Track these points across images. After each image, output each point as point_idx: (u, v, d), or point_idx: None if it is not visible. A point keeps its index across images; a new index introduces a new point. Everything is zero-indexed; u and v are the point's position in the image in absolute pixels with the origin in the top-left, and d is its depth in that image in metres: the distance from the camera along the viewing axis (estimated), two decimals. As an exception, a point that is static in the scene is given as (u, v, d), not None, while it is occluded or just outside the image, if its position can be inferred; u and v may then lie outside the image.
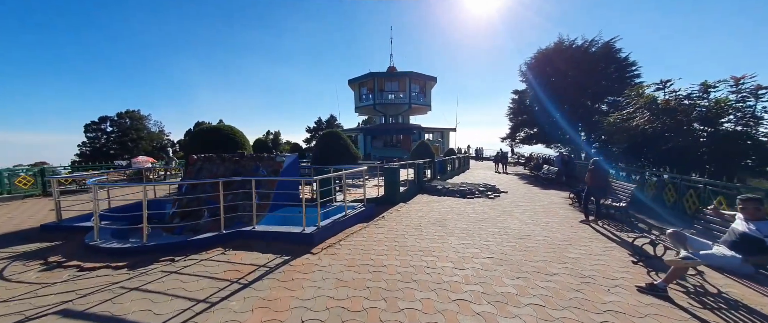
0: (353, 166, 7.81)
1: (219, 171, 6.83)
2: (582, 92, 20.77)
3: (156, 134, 65.50)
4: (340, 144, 8.74)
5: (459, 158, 19.82)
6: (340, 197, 7.69)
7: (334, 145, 8.67)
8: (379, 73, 27.63)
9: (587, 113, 20.67)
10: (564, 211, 8.09)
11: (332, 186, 7.06)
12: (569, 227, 6.41)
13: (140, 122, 62.90)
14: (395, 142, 27.93)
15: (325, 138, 9.11)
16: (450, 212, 7.66)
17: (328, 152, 8.50)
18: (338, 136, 8.96)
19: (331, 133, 9.12)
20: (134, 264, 4.04)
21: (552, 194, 11.21)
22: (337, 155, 8.50)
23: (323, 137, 9.23)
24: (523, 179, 16.26)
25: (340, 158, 8.46)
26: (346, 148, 8.74)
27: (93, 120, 59.78)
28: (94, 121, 59.86)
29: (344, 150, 8.68)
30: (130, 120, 62.11)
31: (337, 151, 8.56)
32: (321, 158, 8.51)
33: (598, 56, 20.04)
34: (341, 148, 8.67)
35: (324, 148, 8.76)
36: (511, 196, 10.51)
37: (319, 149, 8.86)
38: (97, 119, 60.14)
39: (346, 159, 8.57)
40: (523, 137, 25.11)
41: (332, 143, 8.69)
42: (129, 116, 62.51)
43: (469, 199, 9.74)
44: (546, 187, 13.00)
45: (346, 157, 8.58)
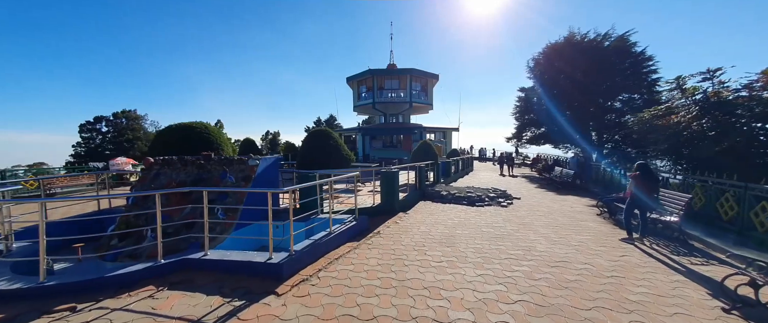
0: (344, 170, 6.54)
1: (179, 178, 5.60)
2: (594, 89, 19.50)
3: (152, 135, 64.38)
4: (330, 144, 7.48)
5: (463, 159, 18.56)
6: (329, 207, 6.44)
7: (323, 145, 7.42)
8: (379, 71, 26.39)
9: (599, 112, 19.39)
10: (594, 224, 6.81)
11: (318, 195, 5.81)
12: (610, 248, 5.15)
13: (136, 121, 61.82)
14: (395, 142, 26.66)
15: (312, 138, 7.82)
16: (459, 225, 6.40)
17: (316, 153, 7.26)
18: (327, 135, 7.67)
19: (320, 132, 7.84)
20: (11, 318, 2.79)
21: (571, 200, 9.93)
22: (326, 157, 7.26)
23: (310, 136, 7.94)
24: (533, 183, 14.98)
25: (329, 160, 7.23)
26: (337, 149, 7.48)
27: (88, 120, 58.72)
28: (89, 121, 58.80)
29: (334, 151, 7.42)
30: (126, 120, 61.03)
31: (326, 152, 7.32)
32: (307, 161, 7.26)
33: (611, 51, 18.75)
34: (330, 149, 7.41)
35: (311, 149, 7.50)
36: (526, 203, 9.24)
37: (305, 151, 7.58)
38: (92, 119, 59.08)
39: (336, 161, 7.34)
40: (530, 137, 23.81)
41: (320, 143, 7.45)
42: (125, 116, 61.41)
43: (479, 207, 8.48)
44: (561, 191, 11.73)
45: (336, 159, 7.35)
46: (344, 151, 7.61)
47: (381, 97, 27.05)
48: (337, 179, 5.54)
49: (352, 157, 7.78)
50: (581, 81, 19.57)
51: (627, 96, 19.73)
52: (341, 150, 7.53)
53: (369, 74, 26.37)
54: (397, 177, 7.53)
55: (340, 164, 7.40)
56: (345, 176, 5.74)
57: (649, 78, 18.53)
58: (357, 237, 5.45)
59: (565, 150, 23.58)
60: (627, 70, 18.88)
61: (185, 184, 5.41)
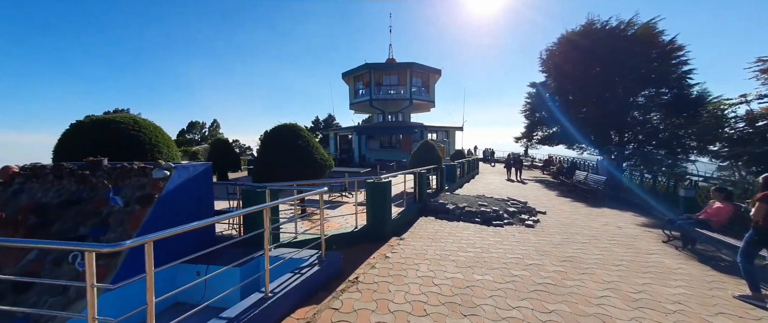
0: (307, 188, 4.48)
1: (47, 197, 3.62)
2: (615, 83, 17.45)
3: (146, 135, 62.57)
4: (298, 146, 5.46)
5: (469, 161, 16.53)
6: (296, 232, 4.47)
7: (289, 147, 5.45)
8: (376, 65, 24.41)
9: (620, 108, 17.31)
10: (671, 260, 4.80)
11: (276, 220, 3.85)
12: (732, 315, 3.14)
13: (131, 122, 60.08)
14: (394, 143, 24.67)
15: (273, 137, 5.55)
16: (476, 263, 4.40)
17: (279, 158, 5.30)
18: (294, 133, 5.64)
19: (284, 129, 5.76)
20: None
21: (611, 216, 7.91)
22: (292, 163, 5.29)
23: (272, 134, 5.85)
24: (550, 189, 12.95)
25: (297, 167, 5.27)
26: (307, 151, 5.50)
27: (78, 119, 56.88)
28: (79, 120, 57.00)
29: (304, 154, 5.45)
30: (118, 120, 59.31)
31: (294, 156, 5.35)
32: (266, 169, 5.28)
33: (635, 40, 16.71)
34: (300, 151, 5.43)
35: (271, 152, 5.52)
36: (556, 220, 7.23)
37: (263, 155, 5.52)
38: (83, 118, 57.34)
39: (306, 169, 5.36)
40: (542, 137, 21.75)
41: (285, 145, 5.48)
42: (117, 116, 59.70)
43: (497, 228, 6.47)
44: (590, 202, 9.69)
45: (306, 165, 5.38)
46: (318, 154, 5.65)
47: (379, 93, 25.08)
48: (287, 200, 3.56)
49: (330, 162, 5.85)
50: (600, 74, 17.53)
51: (653, 91, 17.70)
52: (313, 153, 5.56)
53: (366, 69, 24.39)
54: (389, 190, 5.54)
55: (312, 171, 5.47)
56: (310, 194, 3.74)
57: (680, 70, 16.49)
58: (320, 292, 3.46)
59: (580, 151, 21.55)
60: (653, 61, 16.86)
61: (48, 208, 3.44)
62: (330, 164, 5.83)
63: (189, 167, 3.89)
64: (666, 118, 17.35)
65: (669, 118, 17.22)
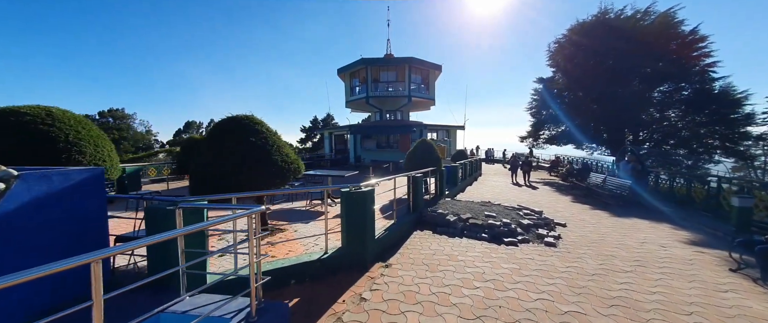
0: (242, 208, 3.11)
1: None
2: (630, 77, 16.09)
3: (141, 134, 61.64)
4: (252, 144, 4.04)
5: (471, 161, 15.17)
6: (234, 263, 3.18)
7: (238, 145, 4.07)
8: (373, 60, 23.05)
9: (635, 105, 15.93)
10: (764, 305, 3.47)
11: (180, 251, 2.56)
12: None
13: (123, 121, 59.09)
14: (392, 142, 23.31)
15: (218, 133, 4.30)
16: (487, 312, 3.08)
17: (223, 159, 3.97)
18: (247, 127, 4.08)
19: (232, 121, 4.34)
20: None
21: (645, 228, 6.57)
22: (241, 167, 3.93)
23: (216, 130, 4.41)
24: (563, 193, 11.61)
25: (249, 171, 3.94)
26: (264, 151, 4.12)
27: None
28: None
29: (260, 155, 4.11)
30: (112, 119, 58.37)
31: (245, 157, 4.02)
32: (206, 175, 3.93)
33: (653, 30, 15.35)
34: (254, 151, 4.06)
35: (214, 152, 4.14)
36: (582, 236, 5.89)
37: (206, 156, 4.17)
38: None
39: (260, 174, 4.00)
40: (549, 137, 20.40)
41: (233, 142, 4.09)
42: (111, 115, 58.73)
43: (510, 247, 5.15)
44: (613, 210, 8.35)
45: (261, 169, 4.03)
46: (280, 155, 4.30)
47: (376, 90, 23.71)
48: (210, 224, 2.24)
49: (297, 165, 4.54)
50: (614, 68, 16.17)
51: (670, 86, 16.32)
52: (273, 154, 4.19)
53: (362, 64, 23.05)
54: (370, 201, 4.23)
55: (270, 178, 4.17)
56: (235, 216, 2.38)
57: (701, 63, 15.13)
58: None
59: (590, 151, 20.19)
60: (672, 53, 15.51)
61: None
62: (297, 167, 4.53)
63: (57, 176, 2.58)
64: (685, 115, 16.01)
65: (688, 115, 15.88)
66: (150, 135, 63.10)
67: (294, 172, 4.44)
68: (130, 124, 60.13)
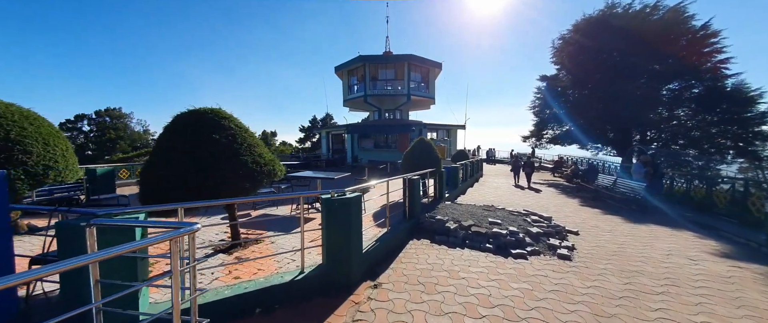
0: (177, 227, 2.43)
1: None
2: (637, 75, 15.44)
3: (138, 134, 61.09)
4: (215, 143, 3.38)
5: (472, 162, 14.51)
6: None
7: (199, 144, 3.41)
8: (372, 57, 22.43)
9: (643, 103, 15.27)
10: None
11: (93, 284, 1.92)
12: None
13: (120, 120, 58.55)
14: (390, 142, 22.67)
15: (177, 130, 3.61)
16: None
17: (178, 160, 3.31)
18: (210, 122, 3.32)
19: (193, 115, 3.71)
20: None
21: (668, 238, 5.93)
22: (201, 169, 3.29)
23: (174, 126, 3.65)
24: (569, 195, 10.97)
25: (211, 175, 3.30)
26: (231, 150, 3.48)
27: (68, 118, 55.56)
28: (69, 119, 55.69)
29: (226, 156, 3.45)
30: (109, 118, 57.84)
31: (206, 158, 3.38)
32: (160, 179, 3.28)
33: (662, 25, 14.70)
34: (219, 151, 3.40)
35: (176, 152, 3.49)
36: (599, 247, 5.26)
37: (157, 157, 3.72)
38: (73, 117, 55.94)
39: (226, 179, 3.35)
40: (552, 136, 19.74)
41: (193, 140, 3.44)
42: (108, 114, 58.21)
43: (519, 261, 4.52)
44: (627, 215, 7.72)
45: (226, 173, 3.39)
46: (251, 155, 3.66)
47: (374, 89, 23.08)
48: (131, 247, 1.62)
49: (273, 167, 3.91)
50: (621, 65, 15.53)
51: (679, 84, 15.66)
52: (242, 154, 3.55)
53: (360, 62, 22.42)
54: (356, 209, 3.59)
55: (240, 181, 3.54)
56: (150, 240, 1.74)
57: (713, 59, 14.48)
58: None
59: (595, 152, 19.54)
60: (682, 49, 14.85)
61: None
62: (274, 169, 3.89)
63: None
64: (695, 114, 15.35)
65: (699, 114, 15.22)
66: (147, 134, 62.57)
67: (268, 174, 3.81)
68: (127, 123, 59.63)
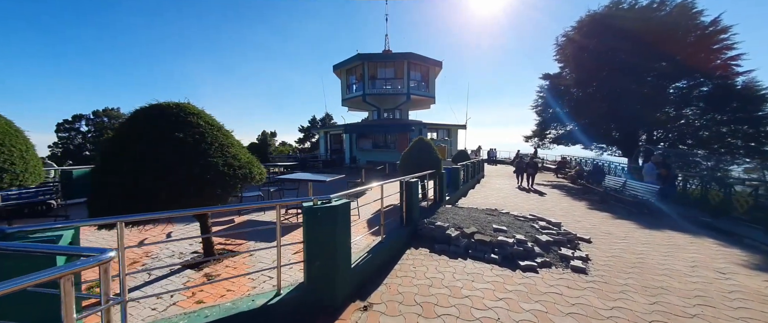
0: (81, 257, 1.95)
1: None
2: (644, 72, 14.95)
3: (136, 134, 60.48)
4: (178, 143, 2.92)
5: (473, 162, 14.02)
6: None
7: (159, 142, 2.95)
8: (370, 55, 21.94)
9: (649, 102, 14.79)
10: None
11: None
12: None
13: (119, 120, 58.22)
14: (389, 142, 22.17)
15: (134, 127, 3.01)
16: None
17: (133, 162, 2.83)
18: (174, 118, 2.93)
19: (155, 109, 3.31)
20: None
21: (689, 246, 5.44)
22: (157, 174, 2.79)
23: (131, 123, 3.12)
24: (576, 198, 10.47)
25: (173, 180, 2.81)
26: (199, 152, 3.04)
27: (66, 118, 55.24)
28: (66, 119, 55.43)
29: (190, 156, 3.01)
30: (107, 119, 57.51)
31: (170, 160, 2.91)
32: (111, 185, 2.81)
33: (670, 22, 14.22)
34: (183, 151, 2.96)
35: (124, 154, 3.02)
36: (616, 257, 4.77)
37: (111, 158, 2.91)
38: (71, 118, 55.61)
39: (190, 184, 2.87)
40: (556, 136, 19.25)
41: (152, 138, 2.99)
42: (106, 115, 57.89)
43: (528, 274, 4.03)
44: (640, 219, 7.23)
45: (191, 178, 2.91)
46: (225, 156, 3.18)
47: (373, 88, 22.57)
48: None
49: (252, 170, 3.47)
50: (627, 62, 15.03)
51: (687, 82, 15.17)
52: (212, 155, 3.04)
53: (359, 60, 21.93)
54: (343, 219, 3.11)
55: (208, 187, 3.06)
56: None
57: (723, 56, 13.99)
58: None
59: (600, 152, 19.04)
60: (690, 46, 14.36)
61: None
62: (251, 173, 3.41)
63: None
64: (704, 113, 14.85)
65: (708, 113, 14.72)
66: (145, 135, 62.05)
67: (244, 178, 3.32)
68: (125, 123, 59.23)
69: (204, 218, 3.54)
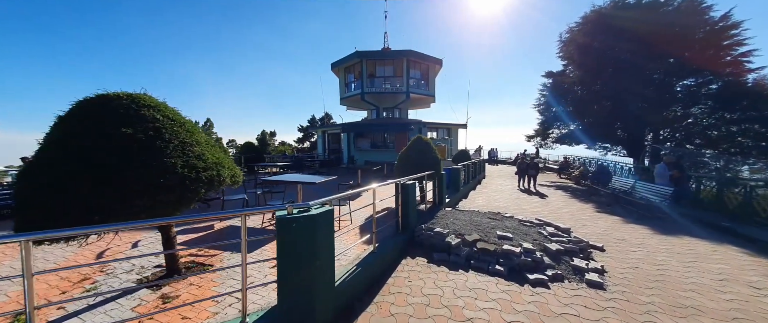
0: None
1: None
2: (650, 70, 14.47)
3: (134, 134, 60.02)
4: (125, 139, 2.40)
5: (474, 162, 13.53)
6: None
7: (96, 142, 2.37)
8: (369, 53, 21.46)
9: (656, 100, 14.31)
10: None
11: None
12: None
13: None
14: (387, 142, 21.69)
15: (76, 121, 2.51)
16: None
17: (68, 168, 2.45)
18: (129, 111, 2.52)
19: (103, 99, 2.97)
20: None
21: (711, 254, 4.97)
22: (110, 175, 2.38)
23: (72, 116, 2.57)
24: (581, 199, 10.00)
25: (124, 185, 2.36)
26: (153, 150, 2.63)
27: (62, 118, 54.58)
28: (63, 119, 54.71)
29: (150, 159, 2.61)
30: (104, 118, 56.90)
31: (113, 162, 2.49)
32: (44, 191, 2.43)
33: (678, 16, 13.73)
34: (136, 148, 2.56)
35: (58, 154, 2.34)
36: (634, 268, 4.30)
37: (44, 159, 2.39)
38: (67, 117, 55.01)
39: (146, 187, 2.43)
40: (559, 136, 18.77)
41: (97, 133, 2.62)
42: (103, 114, 57.26)
43: (538, 290, 3.56)
44: (652, 224, 6.76)
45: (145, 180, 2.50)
46: (185, 155, 2.78)
47: (372, 86, 22.09)
48: None
49: (220, 172, 3.07)
50: (633, 59, 14.54)
51: (694, 80, 14.68)
52: (166, 155, 2.62)
53: (357, 58, 21.45)
54: (325, 230, 2.64)
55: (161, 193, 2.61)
56: None
57: (733, 53, 13.51)
58: None
59: (603, 152, 18.58)
60: (698, 42, 13.87)
61: None
62: (219, 175, 2.95)
63: None
64: (713, 112, 14.37)
65: (717, 112, 14.24)
66: (144, 134, 61.52)
67: (210, 182, 2.85)
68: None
69: (168, 229, 3.07)
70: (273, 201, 5.95)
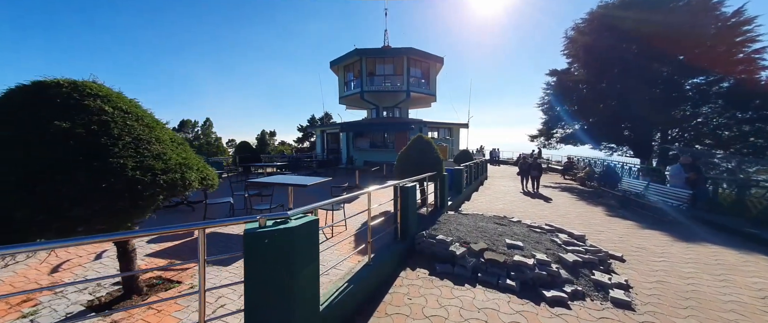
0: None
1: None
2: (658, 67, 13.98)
3: (132, 133, 59.68)
4: (63, 135, 1.92)
5: (477, 163, 13.04)
6: None
7: (27, 139, 1.91)
8: (368, 51, 20.98)
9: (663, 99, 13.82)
10: None
11: None
12: None
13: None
14: (388, 141, 21.21)
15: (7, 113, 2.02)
16: None
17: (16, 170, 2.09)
18: (69, 101, 1.96)
19: (37, 88, 2.59)
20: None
21: (742, 264, 4.50)
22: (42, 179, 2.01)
23: (5, 105, 2.08)
24: (590, 202, 9.52)
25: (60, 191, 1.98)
26: (98, 148, 2.29)
27: (60, 117, 54.26)
28: (61, 118, 54.42)
29: (94, 159, 2.23)
30: (102, 117, 56.61)
31: (48, 163, 2.11)
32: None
33: (688, 12, 13.24)
34: (78, 150, 2.20)
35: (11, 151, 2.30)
36: (662, 284, 3.83)
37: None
38: (65, 116, 54.72)
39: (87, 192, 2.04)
40: (563, 136, 18.28)
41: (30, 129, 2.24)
42: (101, 113, 56.98)
43: (559, 311, 3.09)
44: (671, 229, 6.29)
45: (80, 184, 2.11)
46: (141, 155, 2.41)
47: (371, 85, 21.63)
48: None
49: (188, 175, 2.69)
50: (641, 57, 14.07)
51: (705, 78, 14.19)
52: (114, 154, 2.26)
53: (356, 56, 20.99)
54: (307, 246, 2.18)
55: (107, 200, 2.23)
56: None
57: (746, 50, 13.02)
58: None
59: (609, 152, 18.08)
60: (709, 39, 13.39)
61: None
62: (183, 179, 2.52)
63: None
64: (724, 111, 13.88)
65: (728, 111, 13.75)
66: (143, 134, 61.18)
67: (171, 186, 2.40)
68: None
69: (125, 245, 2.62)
70: (261, 205, 5.48)
